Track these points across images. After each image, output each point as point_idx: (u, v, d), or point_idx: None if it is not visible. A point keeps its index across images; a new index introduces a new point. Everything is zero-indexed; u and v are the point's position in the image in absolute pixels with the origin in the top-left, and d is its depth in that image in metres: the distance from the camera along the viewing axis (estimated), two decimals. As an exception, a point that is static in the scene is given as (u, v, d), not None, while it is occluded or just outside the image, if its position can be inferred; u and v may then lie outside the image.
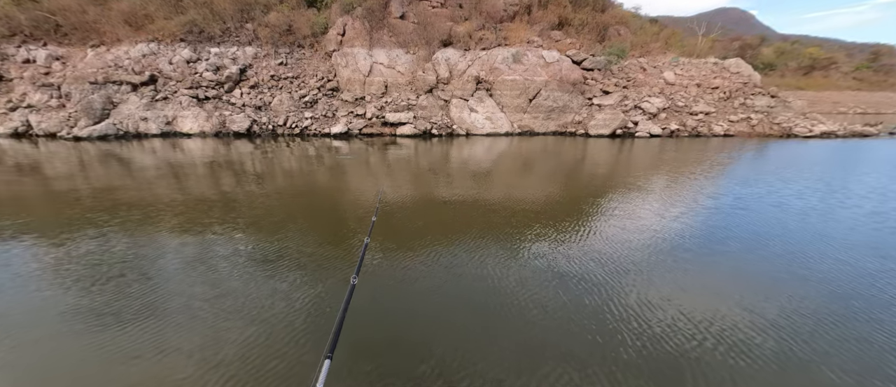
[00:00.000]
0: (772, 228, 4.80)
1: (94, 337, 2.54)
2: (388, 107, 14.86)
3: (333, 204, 5.96)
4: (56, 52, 14.98)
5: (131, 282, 3.29)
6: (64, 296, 3.06)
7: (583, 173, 8.53)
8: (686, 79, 16.93)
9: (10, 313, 2.83)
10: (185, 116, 13.35)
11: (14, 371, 2.24)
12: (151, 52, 14.72)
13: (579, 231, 4.62)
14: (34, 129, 12.33)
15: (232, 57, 15.13)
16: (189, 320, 2.73)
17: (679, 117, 15.23)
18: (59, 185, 6.75)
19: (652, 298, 3.10)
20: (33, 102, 12.97)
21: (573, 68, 15.92)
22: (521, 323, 2.75)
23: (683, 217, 5.21)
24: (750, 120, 15.05)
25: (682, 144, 12.82)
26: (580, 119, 15.40)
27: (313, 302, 2.96)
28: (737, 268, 3.73)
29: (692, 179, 7.67)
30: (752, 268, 3.72)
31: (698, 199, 6.16)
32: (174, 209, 5.35)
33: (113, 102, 13.12)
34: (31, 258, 3.77)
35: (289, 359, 2.31)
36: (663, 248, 4.15)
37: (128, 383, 2.15)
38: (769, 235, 4.57)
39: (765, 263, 3.81)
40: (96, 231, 4.46)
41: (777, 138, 14.17)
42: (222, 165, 8.63)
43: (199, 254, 3.89)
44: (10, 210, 5.30)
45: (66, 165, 8.43)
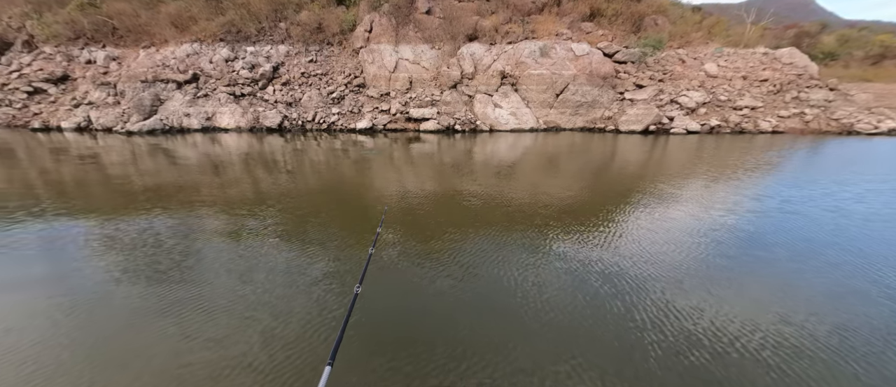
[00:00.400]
0: (826, 235, 4.34)
1: (133, 309, 2.75)
2: (412, 102, 14.96)
3: (358, 198, 6.08)
4: (113, 53, 16.35)
5: (169, 268, 3.52)
6: (108, 265, 3.35)
7: (612, 171, 8.13)
8: (730, 71, 15.70)
9: (71, 277, 3.13)
10: (223, 112, 14.14)
11: (70, 320, 2.48)
12: (194, 51, 15.69)
13: (606, 233, 4.39)
14: (93, 123, 13.56)
15: (266, 55, 15.81)
16: (212, 308, 2.88)
17: (721, 112, 14.18)
18: (115, 174, 7.40)
19: (682, 307, 2.89)
20: (93, 99, 14.25)
21: (604, 61, 15.24)
22: (538, 326, 2.66)
23: (723, 220, 4.82)
24: (803, 115, 13.73)
25: (724, 141, 11.93)
26: (610, 114, 14.74)
27: (330, 300, 3.02)
28: (783, 278, 3.39)
29: (734, 178, 7.09)
30: (801, 279, 3.37)
31: (740, 201, 5.69)
32: (212, 199, 5.69)
33: (160, 98, 14.14)
34: (90, 234, 4.21)
35: (303, 355, 2.37)
36: (699, 254, 3.85)
37: (152, 355, 2.30)
38: (823, 243, 4.13)
39: (817, 274, 3.44)
40: (143, 215, 4.84)
41: (835, 135, 12.85)
42: (256, 159, 9.06)
43: (229, 242, 4.10)
44: (76, 194, 5.90)
45: (120, 157, 9.20)
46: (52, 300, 2.97)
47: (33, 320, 2.72)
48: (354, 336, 2.49)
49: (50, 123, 13.98)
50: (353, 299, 1.61)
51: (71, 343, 2.46)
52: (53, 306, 2.89)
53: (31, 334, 2.54)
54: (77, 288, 3.18)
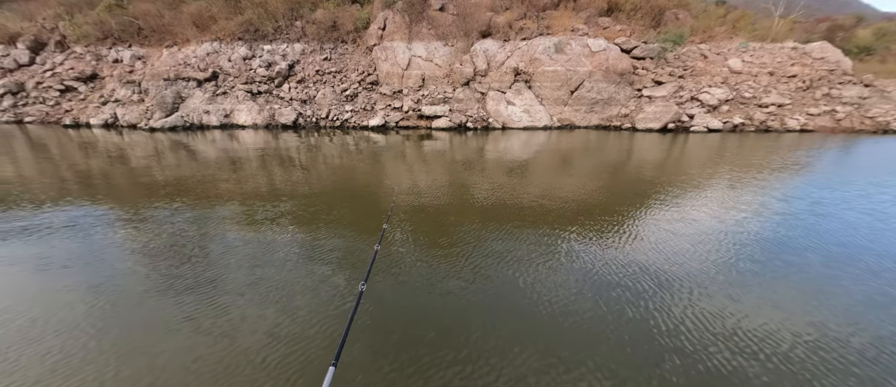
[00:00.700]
0: (863, 240, 4.08)
1: (152, 298, 2.83)
2: (425, 100, 14.94)
3: (369, 195, 6.10)
4: (138, 52, 16.95)
5: (190, 256, 3.60)
6: (129, 255, 3.46)
7: (629, 171, 7.86)
8: (756, 67, 15.03)
9: (93, 260, 3.25)
10: (241, 110, 14.47)
11: (96, 297, 2.56)
12: (214, 50, 16.09)
13: (623, 234, 4.24)
14: (119, 120, 14.10)
15: (282, 54, 16.08)
16: (224, 303, 2.92)
17: (745, 110, 13.59)
18: (139, 168, 7.67)
19: (704, 314, 2.75)
20: (119, 96, 14.82)
21: (621, 57, 14.83)
22: (550, 329, 2.58)
23: (749, 222, 4.59)
24: (834, 113, 13.02)
25: (747, 139, 11.43)
26: (627, 112, 14.35)
27: (338, 296, 3.02)
28: (817, 285, 3.20)
29: (760, 179, 6.76)
30: (837, 286, 3.16)
31: (767, 202, 5.42)
32: (228, 194, 5.82)
33: (181, 96, 14.58)
34: (114, 221, 4.38)
35: (307, 353, 2.37)
36: (721, 258, 3.66)
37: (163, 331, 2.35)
38: (860, 248, 3.88)
39: (854, 282, 3.22)
40: (163, 208, 4.99)
41: (869, 134, 12.13)
42: (271, 156, 9.22)
43: (242, 236, 4.18)
44: (102, 186, 6.15)
45: (144, 152, 9.54)
46: (77, 288, 3.08)
47: (58, 306, 2.83)
48: (360, 336, 2.48)
49: (80, 120, 14.62)
50: (357, 297, 1.60)
51: (96, 333, 2.54)
52: (78, 293, 3.00)
53: (55, 322, 2.64)
54: (100, 276, 3.30)
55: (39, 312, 2.76)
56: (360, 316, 2.66)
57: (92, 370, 2.19)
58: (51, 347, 2.38)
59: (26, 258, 3.66)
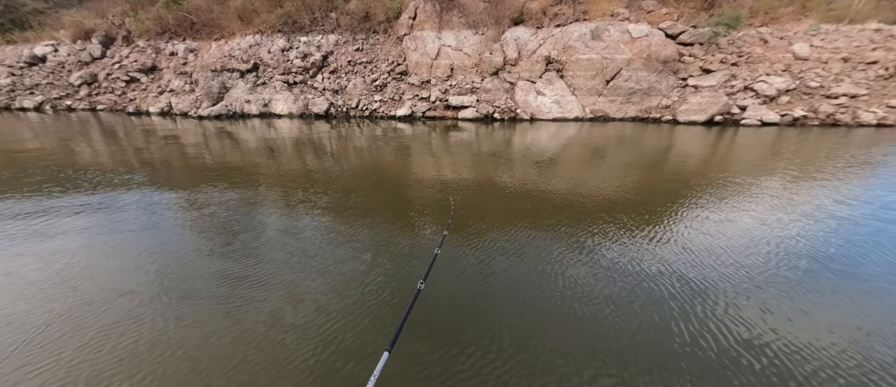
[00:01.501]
0: None
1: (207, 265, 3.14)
2: (452, 90, 14.86)
3: (398, 181, 6.27)
4: (191, 45, 18.34)
5: (233, 240, 3.94)
6: (181, 232, 3.88)
7: (670, 167, 7.28)
8: (827, 52, 13.28)
9: (149, 233, 3.67)
10: (278, 99, 15.28)
11: (156, 266, 2.92)
12: (256, 42, 17.03)
13: (663, 236, 3.95)
14: (173, 109, 15.46)
15: (317, 45, 16.67)
16: (271, 272, 3.19)
17: (809, 101, 12.11)
18: (191, 152, 8.47)
19: (749, 325, 2.53)
20: (174, 87, 16.21)
21: (666, 43, 13.73)
22: (578, 331, 2.53)
23: (797, 227, 4.13)
24: (926, 105, 11.23)
25: (810, 135, 10.21)
26: (668, 103, 13.34)
27: (380, 285, 3.06)
28: (867, 301, 2.82)
29: (819, 179, 6.03)
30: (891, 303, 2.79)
31: (824, 205, 4.83)
32: (269, 175, 6.25)
33: (226, 86, 15.65)
34: (171, 203, 4.94)
35: (358, 340, 2.41)
36: (759, 264, 3.32)
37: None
38: None
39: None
40: (213, 187, 5.48)
41: (970, 131, 10.35)
42: (305, 143, 9.71)
43: (284, 216, 4.49)
44: (162, 168, 6.88)
45: (194, 138, 10.43)
46: (141, 257, 3.51)
47: (126, 275, 3.22)
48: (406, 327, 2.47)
49: (141, 108, 16.22)
50: (415, 293, 1.68)
51: (156, 300, 2.86)
52: (143, 262, 3.40)
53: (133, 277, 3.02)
54: (163, 245, 3.75)
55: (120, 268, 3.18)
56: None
57: (151, 326, 2.50)
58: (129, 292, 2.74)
59: (106, 226, 4.22)
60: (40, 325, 2.50)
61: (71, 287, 2.97)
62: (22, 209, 4.69)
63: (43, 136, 10.53)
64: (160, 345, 2.35)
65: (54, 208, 4.72)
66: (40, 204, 4.89)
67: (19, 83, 18.16)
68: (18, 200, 5.01)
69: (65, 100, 17.32)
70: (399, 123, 13.78)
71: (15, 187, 5.56)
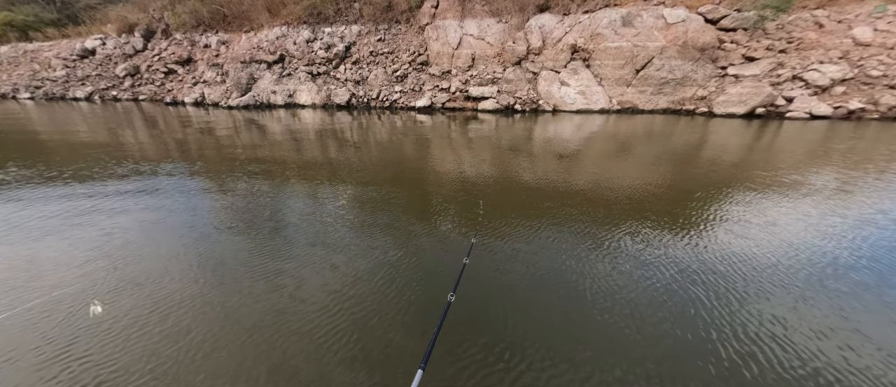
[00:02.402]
0: None
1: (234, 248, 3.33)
2: (473, 80, 14.62)
3: (419, 173, 6.30)
4: (223, 38, 19.11)
5: (266, 220, 4.13)
6: (215, 217, 4.14)
7: (705, 163, 6.72)
8: (894, 36, 11.86)
9: (181, 215, 3.93)
10: (302, 90, 15.67)
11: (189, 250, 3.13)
12: (282, 34, 17.47)
13: (698, 241, 3.64)
14: (206, 99, 16.24)
15: (340, 36, 16.86)
16: (299, 259, 3.31)
17: (867, 92, 10.92)
18: (223, 140, 8.92)
19: (796, 350, 2.26)
20: (206, 78, 17.00)
21: (705, 29, 12.78)
22: (598, 336, 2.46)
23: (863, 237, 3.67)
24: None
25: (867, 130, 9.23)
26: (704, 94, 12.47)
27: (404, 264, 3.13)
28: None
29: (879, 180, 5.41)
30: None
31: (886, 208, 4.35)
32: (294, 162, 6.48)
33: (254, 77, 16.22)
34: (201, 186, 5.24)
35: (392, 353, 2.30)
36: (822, 280, 2.94)
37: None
38: None
39: None
40: (242, 172, 5.75)
41: None
42: (328, 134, 9.93)
43: (309, 201, 4.69)
44: (196, 152, 7.34)
45: (225, 127, 10.94)
46: (180, 240, 3.74)
47: (168, 261, 3.46)
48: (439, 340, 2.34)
49: (177, 98, 17.16)
50: (446, 306, 1.61)
51: (202, 292, 2.94)
52: (180, 246, 3.62)
53: (166, 281, 3.24)
54: (199, 229, 3.96)
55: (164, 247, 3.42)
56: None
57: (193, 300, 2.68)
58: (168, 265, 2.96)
59: (147, 208, 4.56)
60: (83, 299, 2.73)
61: (112, 266, 3.21)
62: (72, 192, 5.12)
63: (95, 124, 11.41)
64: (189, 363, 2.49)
65: (109, 193, 5.12)
66: (95, 188, 5.31)
67: (72, 75, 19.70)
68: (71, 185, 5.46)
69: (111, 90, 18.63)
70: (419, 114, 13.77)
71: (68, 172, 6.08)
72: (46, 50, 21.83)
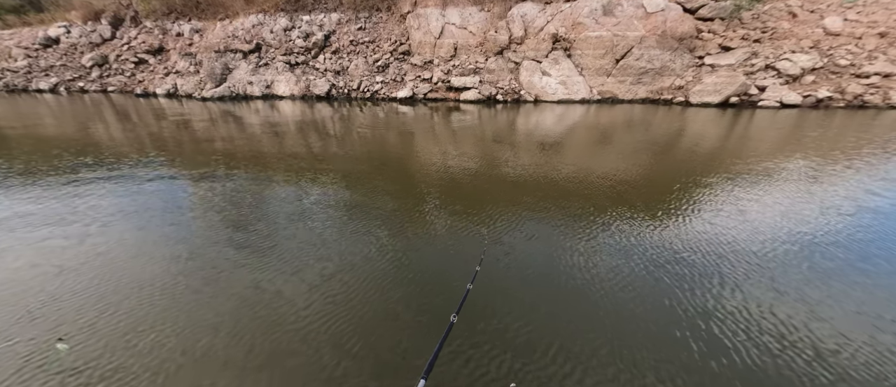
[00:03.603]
0: None
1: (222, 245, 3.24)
2: (455, 70, 14.46)
3: (404, 166, 6.23)
4: (197, 26, 18.32)
5: (245, 214, 4.02)
6: (192, 209, 4.01)
7: (683, 153, 6.88)
8: (863, 26, 12.20)
9: (161, 209, 3.80)
10: (280, 81, 15.24)
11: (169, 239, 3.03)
12: (259, 22, 16.86)
13: (675, 229, 3.73)
14: (179, 90, 15.65)
15: (319, 24, 16.37)
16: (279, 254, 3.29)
17: (836, 81, 11.25)
18: (200, 134, 8.61)
19: (768, 326, 2.40)
20: (179, 68, 16.35)
21: (683, 18, 12.88)
22: (588, 325, 2.47)
23: (830, 221, 3.84)
24: (969, 86, 10.26)
25: (834, 118, 9.53)
26: (681, 83, 12.64)
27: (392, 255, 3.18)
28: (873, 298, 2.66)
29: (850, 167, 5.59)
30: None
31: (858, 197, 4.49)
32: (273, 155, 6.31)
33: (229, 67, 15.68)
34: (183, 183, 5.06)
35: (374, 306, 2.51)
36: (793, 262, 3.08)
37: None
38: None
39: None
40: (219, 164, 5.58)
41: None
42: (309, 126, 9.69)
43: (289, 194, 4.58)
44: (172, 148, 7.03)
45: (201, 122, 10.56)
46: (161, 231, 3.64)
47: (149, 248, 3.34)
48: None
49: (149, 90, 16.48)
50: (448, 327, 1.62)
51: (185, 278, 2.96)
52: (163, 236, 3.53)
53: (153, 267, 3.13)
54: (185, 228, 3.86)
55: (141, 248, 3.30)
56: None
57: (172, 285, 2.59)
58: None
59: (128, 200, 4.41)
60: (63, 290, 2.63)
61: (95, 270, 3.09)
62: (43, 194, 4.88)
63: (61, 118, 10.87)
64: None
65: (80, 192, 4.90)
66: (63, 189, 5.07)
67: (35, 65, 18.67)
68: (43, 185, 5.20)
69: (78, 81, 17.75)
70: (400, 105, 13.58)
71: (38, 171, 5.79)
72: (6, 38, 20.56)
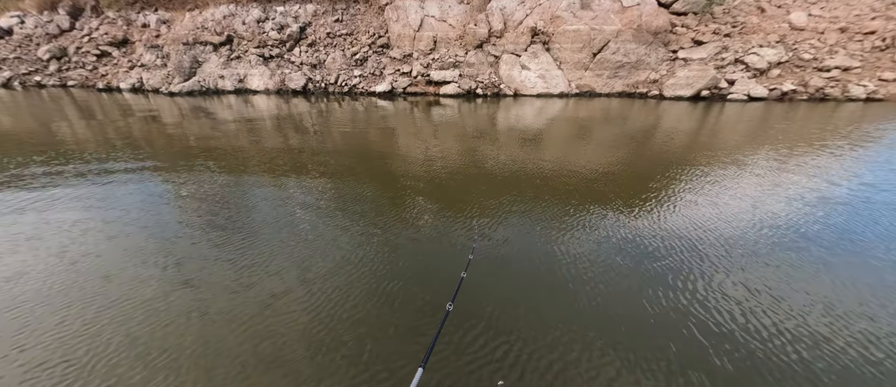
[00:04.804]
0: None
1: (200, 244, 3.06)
2: (435, 64, 14.30)
3: (384, 160, 6.14)
4: (164, 16, 17.43)
5: (226, 208, 3.82)
6: (168, 206, 3.83)
7: (657, 147, 7.00)
8: (825, 21, 12.71)
9: (138, 212, 3.57)
10: (253, 74, 14.72)
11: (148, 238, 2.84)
12: (230, 13, 16.17)
13: (650, 221, 3.83)
14: (145, 85, 14.91)
15: (294, 15, 15.85)
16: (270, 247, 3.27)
17: (799, 75, 11.71)
18: (171, 130, 8.21)
19: (736, 305, 2.57)
20: (145, 61, 15.56)
21: (658, 13, 13.10)
22: (572, 312, 2.54)
23: (793, 210, 4.03)
24: (918, 79, 10.86)
25: (797, 110, 9.93)
26: (656, 77, 12.90)
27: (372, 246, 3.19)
28: (879, 277, 2.87)
29: (812, 159, 5.82)
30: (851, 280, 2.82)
31: (818, 187, 4.68)
32: (248, 155, 6.06)
33: (198, 61, 15.02)
34: (158, 181, 4.89)
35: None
36: (759, 247, 3.29)
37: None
38: None
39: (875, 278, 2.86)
40: (196, 162, 5.31)
41: (960, 105, 10.07)
42: (287, 123, 9.34)
43: (270, 193, 4.44)
44: (144, 146, 6.69)
45: (170, 116, 10.07)
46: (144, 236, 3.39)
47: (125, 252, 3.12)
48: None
49: (112, 84, 15.63)
50: (445, 315, 1.66)
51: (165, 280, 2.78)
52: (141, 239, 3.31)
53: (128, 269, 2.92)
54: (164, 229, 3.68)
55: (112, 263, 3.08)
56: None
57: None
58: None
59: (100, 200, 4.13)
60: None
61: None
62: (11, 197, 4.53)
63: (17, 115, 10.15)
64: None
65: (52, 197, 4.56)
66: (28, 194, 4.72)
67: (-15, 58, 17.38)
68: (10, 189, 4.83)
69: (34, 75, 16.64)
70: (379, 99, 13.36)
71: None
72: (-49, 29, 19.02)
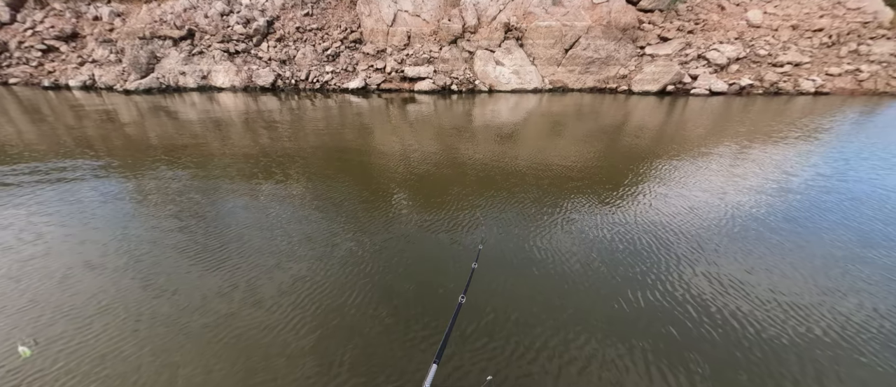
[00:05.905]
0: (864, 214, 3.86)
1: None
2: (409, 60, 14.12)
3: (361, 159, 6.01)
4: (118, 8, 16.29)
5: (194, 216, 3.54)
6: (140, 210, 3.49)
7: (627, 141, 7.18)
8: (779, 19, 13.44)
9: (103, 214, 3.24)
10: (218, 71, 14.03)
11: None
12: (191, 5, 15.30)
13: (620, 212, 3.99)
14: (97, 82, 13.93)
15: (261, 9, 15.19)
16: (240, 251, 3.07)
17: (756, 70, 12.35)
18: (129, 131, 7.72)
19: (701, 288, 2.75)
20: (97, 57, 14.52)
21: (626, 9, 13.44)
22: (556, 299, 2.61)
23: (752, 199, 4.28)
24: (858, 73, 11.70)
25: (754, 104, 10.47)
26: (625, 73, 13.27)
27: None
28: (785, 262, 3.09)
29: (768, 150, 6.16)
30: (806, 265, 3.05)
31: (776, 177, 4.96)
32: (219, 158, 5.70)
33: (157, 56, 14.17)
34: (116, 185, 4.65)
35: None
36: (701, 234, 3.51)
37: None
38: (849, 225, 3.68)
39: (824, 261, 3.10)
40: (160, 164, 4.93)
41: (894, 98, 10.91)
42: (256, 122, 8.87)
43: (245, 195, 4.17)
44: (100, 148, 6.22)
45: (128, 115, 9.40)
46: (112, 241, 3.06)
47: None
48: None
49: (60, 81, 14.50)
50: (457, 307, 1.69)
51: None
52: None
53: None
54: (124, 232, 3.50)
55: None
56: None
57: None
58: None
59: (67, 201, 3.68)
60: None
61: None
62: None
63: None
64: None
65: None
66: None
67: (-90, 53, 15.69)
68: None
69: (-31, 72, 15.19)
70: (353, 96, 13.05)
71: None
72: None
